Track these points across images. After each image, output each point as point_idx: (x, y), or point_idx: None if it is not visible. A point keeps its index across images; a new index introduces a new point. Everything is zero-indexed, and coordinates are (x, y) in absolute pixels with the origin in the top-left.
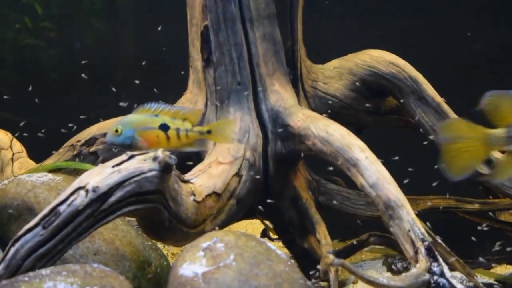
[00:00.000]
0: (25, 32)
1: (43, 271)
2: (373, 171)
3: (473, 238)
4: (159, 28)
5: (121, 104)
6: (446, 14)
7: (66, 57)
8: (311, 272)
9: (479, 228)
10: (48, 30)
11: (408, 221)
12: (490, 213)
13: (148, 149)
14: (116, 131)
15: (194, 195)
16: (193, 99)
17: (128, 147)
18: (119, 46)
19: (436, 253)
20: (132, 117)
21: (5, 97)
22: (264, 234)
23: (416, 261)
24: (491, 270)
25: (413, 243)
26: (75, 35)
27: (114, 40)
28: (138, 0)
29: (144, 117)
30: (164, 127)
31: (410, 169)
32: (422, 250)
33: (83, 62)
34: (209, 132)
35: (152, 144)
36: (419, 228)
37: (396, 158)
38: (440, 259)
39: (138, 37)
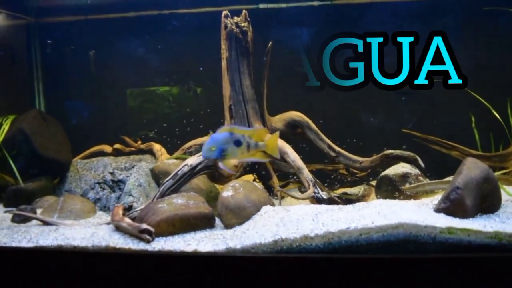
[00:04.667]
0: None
1: (173, 195)
2: (293, 156)
3: (330, 180)
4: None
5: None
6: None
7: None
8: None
9: (332, 176)
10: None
11: (306, 173)
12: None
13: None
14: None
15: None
16: None
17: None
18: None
19: (316, 185)
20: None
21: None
22: (254, 180)
23: (309, 188)
24: (336, 191)
25: (308, 182)
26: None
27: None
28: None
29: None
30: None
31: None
32: (311, 184)
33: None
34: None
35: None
36: (310, 176)
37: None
38: (318, 188)
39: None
